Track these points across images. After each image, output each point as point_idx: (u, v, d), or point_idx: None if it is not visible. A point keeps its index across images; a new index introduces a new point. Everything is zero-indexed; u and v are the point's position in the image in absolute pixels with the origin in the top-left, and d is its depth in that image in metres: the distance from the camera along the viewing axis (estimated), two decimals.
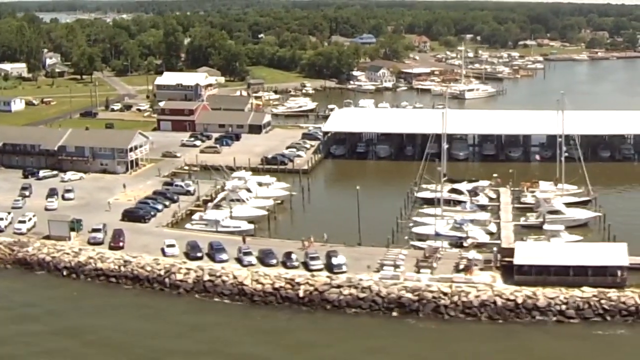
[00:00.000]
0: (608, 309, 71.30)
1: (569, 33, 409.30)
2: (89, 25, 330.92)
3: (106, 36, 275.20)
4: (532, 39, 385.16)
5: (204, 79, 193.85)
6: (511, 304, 71.40)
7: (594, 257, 76.91)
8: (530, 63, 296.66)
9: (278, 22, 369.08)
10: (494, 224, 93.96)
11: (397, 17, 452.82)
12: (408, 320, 70.71)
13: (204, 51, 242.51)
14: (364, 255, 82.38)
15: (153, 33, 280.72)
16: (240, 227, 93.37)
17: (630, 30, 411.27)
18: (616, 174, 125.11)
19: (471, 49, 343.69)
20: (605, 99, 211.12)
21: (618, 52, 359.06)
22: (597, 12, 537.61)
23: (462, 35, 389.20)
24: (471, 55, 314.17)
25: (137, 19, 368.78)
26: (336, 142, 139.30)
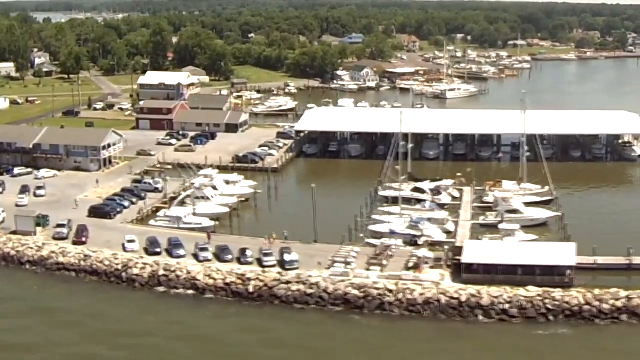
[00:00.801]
0: (552, 309, 71.94)
1: (560, 33, 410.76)
2: (80, 25, 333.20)
3: (95, 36, 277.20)
4: (522, 38, 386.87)
5: (186, 78, 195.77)
6: (455, 302, 72.54)
7: (542, 257, 77.78)
8: (517, 63, 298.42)
9: (269, 22, 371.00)
10: (452, 223, 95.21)
11: (389, 17, 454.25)
12: (352, 317, 72.22)
13: (191, 51, 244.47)
14: (319, 252, 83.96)
15: (143, 33, 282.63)
16: (202, 224, 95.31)
17: (621, 30, 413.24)
18: (584, 174, 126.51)
19: (460, 48, 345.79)
20: (587, 99, 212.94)
21: (607, 52, 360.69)
22: (591, 12, 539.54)
23: (453, 35, 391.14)
24: (459, 55, 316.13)
25: (127, 19, 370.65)
26: (309, 141, 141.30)
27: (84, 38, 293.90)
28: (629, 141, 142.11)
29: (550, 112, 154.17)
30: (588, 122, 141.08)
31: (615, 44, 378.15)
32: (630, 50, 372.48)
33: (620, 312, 71.40)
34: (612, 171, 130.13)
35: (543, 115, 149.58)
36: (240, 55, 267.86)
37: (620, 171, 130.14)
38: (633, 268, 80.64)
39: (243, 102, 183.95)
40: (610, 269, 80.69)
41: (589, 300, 72.14)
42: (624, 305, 71.60)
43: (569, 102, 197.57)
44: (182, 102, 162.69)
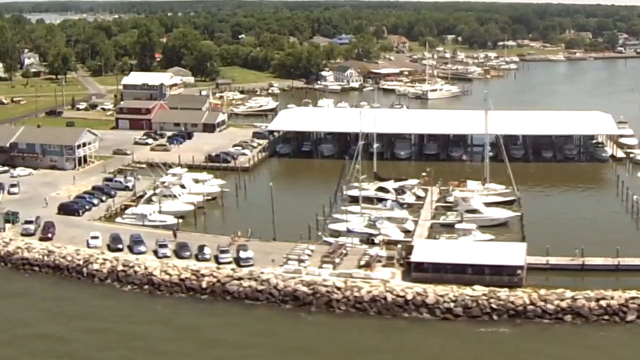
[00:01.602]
0: (496, 308, 72.74)
1: (551, 34, 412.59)
2: (71, 26, 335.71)
3: (85, 37, 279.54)
4: (513, 39, 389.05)
5: (169, 78, 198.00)
6: (401, 300, 73.79)
7: (492, 257, 78.82)
8: (503, 64, 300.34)
9: (260, 22, 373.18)
10: (411, 222, 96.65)
11: (381, 17, 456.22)
12: (300, 313, 73.93)
13: (178, 51, 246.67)
14: (277, 250, 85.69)
15: (132, 34, 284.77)
16: (166, 222, 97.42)
17: (612, 31, 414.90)
18: (553, 174, 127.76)
19: (450, 49, 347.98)
20: (567, 99, 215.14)
21: (596, 53, 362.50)
22: (584, 13, 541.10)
23: (444, 36, 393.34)
24: (448, 56, 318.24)
25: (118, 20, 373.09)
26: (283, 141, 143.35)
27: (74, 39, 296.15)
28: (601, 142, 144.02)
29: (524, 112, 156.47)
30: (561, 122, 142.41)
31: (605, 45, 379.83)
32: (619, 51, 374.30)
33: (565, 312, 72.35)
34: (581, 172, 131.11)
35: (516, 116, 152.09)
36: (228, 56, 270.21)
37: (589, 172, 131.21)
38: (586, 269, 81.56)
39: (224, 103, 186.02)
40: (562, 269, 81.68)
41: (534, 300, 73.28)
42: (568, 306, 72.77)
43: (549, 102, 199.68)
44: (161, 103, 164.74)
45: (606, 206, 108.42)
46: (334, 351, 67.26)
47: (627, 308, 72.34)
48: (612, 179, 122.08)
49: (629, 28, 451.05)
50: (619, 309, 72.34)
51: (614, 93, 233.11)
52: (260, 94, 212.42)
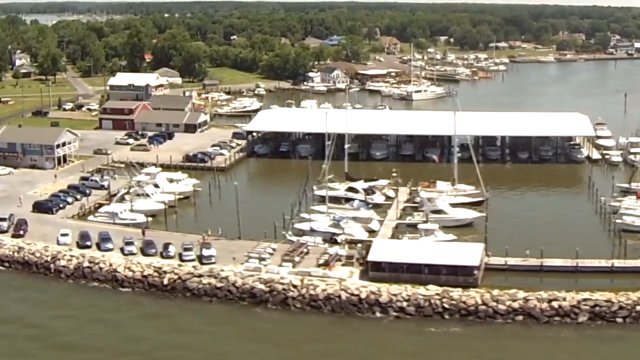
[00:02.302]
0: (448, 308, 73.76)
1: (543, 35, 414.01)
2: (64, 27, 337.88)
3: (76, 38, 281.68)
4: (505, 41, 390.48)
5: (155, 79, 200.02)
6: (355, 298, 75.17)
7: (448, 257, 79.98)
8: (492, 65, 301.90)
9: (253, 24, 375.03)
10: (377, 222, 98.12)
11: (375, 19, 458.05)
12: (256, 310, 75.65)
13: (167, 52, 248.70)
14: (241, 248, 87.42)
15: (123, 35, 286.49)
16: (136, 220, 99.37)
17: (605, 32, 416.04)
18: (527, 175, 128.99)
19: (441, 50, 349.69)
20: (552, 100, 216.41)
21: (587, 54, 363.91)
22: (579, 15, 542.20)
23: (436, 37, 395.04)
24: (438, 57, 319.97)
25: (110, 21, 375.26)
26: (262, 141, 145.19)
27: (67, 40, 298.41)
28: (577, 143, 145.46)
29: (502, 113, 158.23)
30: (538, 123, 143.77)
31: (597, 46, 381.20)
32: (610, 52, 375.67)
33: (516, 312, 73.04)
34: (556, 173, 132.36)
35: (494, 117, 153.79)
36: (217, 57, 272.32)
37: (564, 173, 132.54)
38: (545, 270, 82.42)
39: (208, 103, 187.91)
40: (521, 270, 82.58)
41: (486, 300, 74.37)
42: (520, 307, 73.30)
43: (533, 104, 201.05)
44: (144, 103, 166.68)
45: (576, 208, 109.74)
46: (282, 346, 68.72)
47: (578, 309, 72.81)
48: (586, 181, 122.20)
49: (622, 29, 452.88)
50: (571, 310, 72.86)
51: (600, 94, 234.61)
52: (246, 95, 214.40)
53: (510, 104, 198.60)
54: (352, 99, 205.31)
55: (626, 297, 74.27)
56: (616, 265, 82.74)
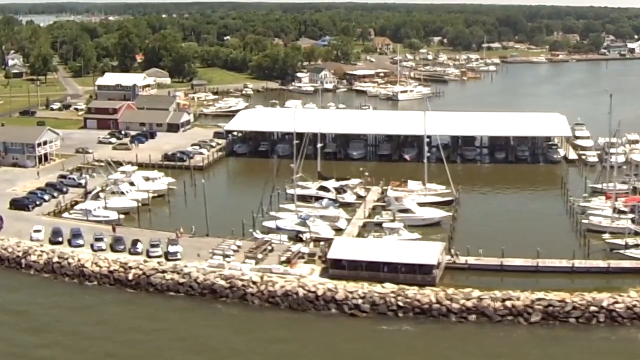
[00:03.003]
0: (402, 306, 74.50)
1: (537, 36, 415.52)
2: (58, 28, 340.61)
3: (69, 38, 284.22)
4: (499, 41, 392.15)
5: (142, 79, 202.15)
6: (312, 295, 76.54)
7: (406, 255, 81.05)
8: (483, 65, 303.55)
9: (247, 24, 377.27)
10: (344, 220, 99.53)
11: (370, 20, 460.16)
12: (215, 305, 77.53)
13: (157, 53, 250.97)
14: (208, 245, 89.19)
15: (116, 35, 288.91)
16: (109, 217, 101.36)
17: (597, 33, 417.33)
18: (503, 175, 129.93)
19: (434, 51, 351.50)
20: (537, 101, 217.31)
21: (579, 55, 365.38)
22: (575, 15, 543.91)
23: (430, 38, 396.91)
24: (430, 58, 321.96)
25: (104, 22, 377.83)
26: (242, 140, 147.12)
27: (60, 40, 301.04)
28: (554, 143, 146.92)
29: (482, 113, 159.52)
30: (517, 124, 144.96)
31: (589, 47, 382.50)
32: (603, 53, 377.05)
33: (470, 311, 73.68)
34: (531, 173, 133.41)
35: (473, 117, 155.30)
36: (208, 57, 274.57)
37: (539, 173, 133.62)
38: (506, 269, 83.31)
39: (194, 103, 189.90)
40: (482, 269, 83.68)
41: (440, 299, 74.86)
42: (474, 305, 73.88)
43: (517, 104, 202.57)
44: (129, 103, 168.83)
45: (547, 208, 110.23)
46: (237, 341, 70.53)
47: (532, 309, 73.22)
48: (559, 181, 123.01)
49: (616, 30, 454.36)
50: (524, 310, 73.30)
51: (587, 95, 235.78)
52: (233, 95, 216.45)
53: (495, 104, 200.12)
54: (337, 99, 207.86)
55: (580, 297, 74.50)
56: (576, 265, 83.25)
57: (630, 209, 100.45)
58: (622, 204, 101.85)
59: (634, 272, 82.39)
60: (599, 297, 74.50)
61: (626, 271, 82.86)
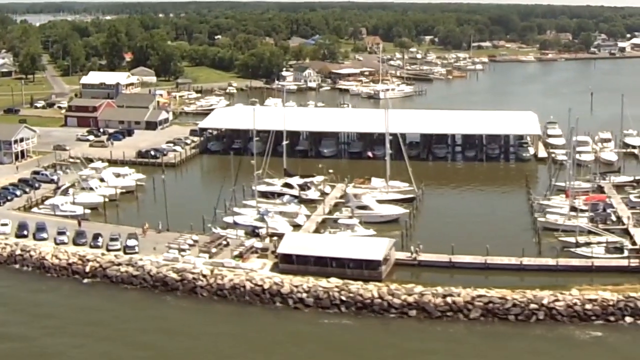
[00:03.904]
0: (345, 300, 76.16)
1: (528, 35, 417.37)
2: (51, 27, 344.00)
3: (59, 37, 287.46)
4: (490, 40, 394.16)
5: (126, 78, 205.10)
6: (258, 288, 78.49)
7: (353, 251, 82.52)
8: (470, 64, 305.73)
9: (238, 24, 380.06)
10: (303, 216, 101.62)
11: (364, 19, 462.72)
12: (165, 297, 79.97)
13: (145, 52, 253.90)
14: (167, 240, 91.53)
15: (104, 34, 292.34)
16: (75, 212, 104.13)
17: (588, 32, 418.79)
18: (471, 173, 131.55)
19: (423, 50, 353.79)
20: (519, 99, 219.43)
21: (569, 54, 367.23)
22: (570, 14, 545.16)
23: (421, 37, 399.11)
24: (419, 57, 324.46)
25: (96, 21, 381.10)
26: (215, 138, 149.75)
27: (52, 40, 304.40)
28: (525, 141, 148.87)
29: (454, 112, 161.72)
30: (488, 122, 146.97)
31: (579, 46, 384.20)
32: (593, 52, 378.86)
33: (411, 307, 74.98)
34: (500, 171, 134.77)
35: (445, 115, 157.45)
36: (197, 56, 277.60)
37: (508, 171, 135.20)
38: (456, 266, 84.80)
39: (176, 102, 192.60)
40: (432, 265, 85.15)
41: (382, 294, 76.22)
42: (415, 301, 75.22)
43: (497, 102, 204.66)
44: (109, 101, 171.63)
45: (510, 205, 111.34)
46: (181, 332, 72.83)
47: (472, 305, 74.48)
48: (529, 179, 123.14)
49: (609, 29, 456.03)
50: (464, 306, 74.56)
51: (569, 94, 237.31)
52: (218, 93, 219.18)
53: (474, 102, 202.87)
54: (319, 98, 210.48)
55: (522, 294, 75.37)
56: (525, 263, 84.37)
57: (590, 207, 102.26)
58: (582, 202, 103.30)
59: (582, 271, 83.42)
60: (540, 295, 75.00)
61: (574, 269, 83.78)
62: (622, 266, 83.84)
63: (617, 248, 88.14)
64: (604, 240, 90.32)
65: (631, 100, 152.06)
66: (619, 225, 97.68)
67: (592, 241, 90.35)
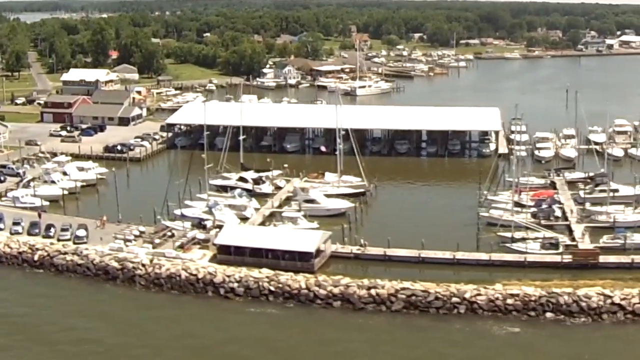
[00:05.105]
0: (273, 291, 78.83)
1: (517, 32, 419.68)
2: (41, 25, 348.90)
3: (47, 35, 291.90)
4: (478, 37, 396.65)
5: (105, 75, 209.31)
6: (193, 278, 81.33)
7: (287, 243, 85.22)
8: (453, 62, 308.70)
9: (227, 21, 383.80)
10: (252, 210, 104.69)
11: (355, 16, 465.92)
12: (106, 285, 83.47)
13: (129, 49, 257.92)
14: (116, 231, 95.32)
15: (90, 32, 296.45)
16: (34, 204, 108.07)
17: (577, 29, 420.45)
18: (430, 169, 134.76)
19: (410, 47, 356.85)
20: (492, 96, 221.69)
21: (555, 51, 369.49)
22: (562, 12, 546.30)
23: (411, 34, 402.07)
24: (405, 54, 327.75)
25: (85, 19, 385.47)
26: (183, 133, 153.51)
27: (41, 37, 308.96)
28: (487, 137, 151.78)
29: (420, 108, 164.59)
30: (450, 118, 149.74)
31: (566, 43, 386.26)
32: (580, 49, 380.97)
33: (336, 298, 77.27)
34: (459, 167, 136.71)
35: (409, 112, 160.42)
36: (182, 54, 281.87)
37: (467, 167, 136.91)
38: (391, 260, 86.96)
39: (153, 98, 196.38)
40: (368, 259, 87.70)
41: (309, 285, 78.58)
42: (340, 292, 77.42)
43: (471, 99, 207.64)
44: (84, 97, 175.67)
45: (460, 201, 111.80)
46: (112, 318, 76.47)
47: (395, 297, 76.33)
48: (487, 174, 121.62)
49: (600, 26, 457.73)
50: (387, 298, 76.49)
51: (547, 90, 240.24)
52: (197, 90, 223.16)
53: (449, 98, 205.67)
54: (306, 95, 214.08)
55: (445, 288, 76.91)
56: (458, 257, 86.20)
57: (535, 203, 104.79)
58: (529, 198, 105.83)
59: (515, 266, 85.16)
60: (463, 289, 76.45)
61: (507, 264, 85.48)
62: (555, 262, 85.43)
63: (553, 244, 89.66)
64: (541, 236, 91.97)
65: (606, 97, 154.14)
66: (563, 221, 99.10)
67: (529, 237, 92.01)
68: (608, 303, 74.31)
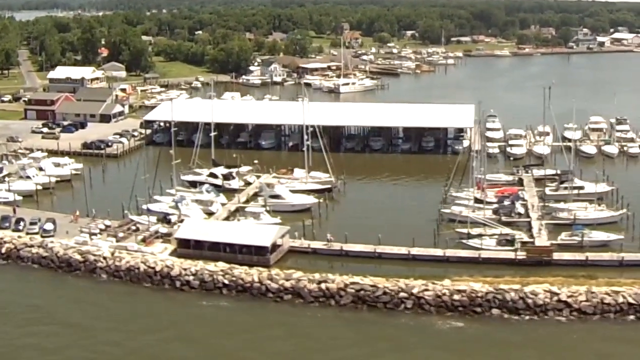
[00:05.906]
0: (227, 284, 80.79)
1: (509, 29, 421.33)
2: (34, 24, 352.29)
3: (38, 33, 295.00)
4: (470, 35, 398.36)
5: (91, 73, 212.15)
6: (151, 270, 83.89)
7: (244, 237, 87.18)
8: (441, 59, 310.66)
9: (220, 19, 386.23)
10: (218, 205, 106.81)
11: (348, 14, 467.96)
12: (67, 277, 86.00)
13: (118, 47, 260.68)
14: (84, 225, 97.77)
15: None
16: (8, 199, 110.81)
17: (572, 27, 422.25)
18: (402, 166, 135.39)
19: (402, 45, 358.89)
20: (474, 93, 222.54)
21: (546, 48, 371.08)
22: (557, 9, 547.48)
23: (403, 32, 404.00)
24: (395, 52, 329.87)
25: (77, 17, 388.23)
26: (161, 130, 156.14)
27: (34, 36, 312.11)
28: (462, 134, 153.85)
29: (396, 105, 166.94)
30: (425, 115, 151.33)
31: (557, 40, 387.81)
32: (570, 46, 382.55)
33: (287, 291, 79.08)
34: (432, 163, 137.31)
35: (385, 109, 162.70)
36: (171, 51, 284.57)
37: (439, 163, 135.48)
38: (348, 255, 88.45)
39: (137, 95, 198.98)
40: (326, 254, 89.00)
41: (262, 278, 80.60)
42: (291, 286, 79.24)
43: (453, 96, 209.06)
44: (67, 95, 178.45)
45: (427, 197, 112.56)
46: (68, 308, 79.25)
47: (344, 292, 77.99)
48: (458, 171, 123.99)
49: (594, 23, 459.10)
50: (337, 293, 78.15)
51: (532, 88, 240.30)
52: (182, 87, 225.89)
53: (430, 96, 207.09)
54: (281, 92, 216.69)
55: (394, 283, 78.17)
56: (413, 253, 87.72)
57: (498, 199, 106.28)
58: (493, 195, 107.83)
59: (469, 262, 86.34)
60: (411, 284, 77.61)
61: (462, 260, 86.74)
62: (509, 258, 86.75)
63: (508, 241, 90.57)
64: (498, 232, 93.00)
65: (589, 95, 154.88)
66: (525, 218, 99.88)
67: (486, 233, 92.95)
68: (554, 300, 75.21)
